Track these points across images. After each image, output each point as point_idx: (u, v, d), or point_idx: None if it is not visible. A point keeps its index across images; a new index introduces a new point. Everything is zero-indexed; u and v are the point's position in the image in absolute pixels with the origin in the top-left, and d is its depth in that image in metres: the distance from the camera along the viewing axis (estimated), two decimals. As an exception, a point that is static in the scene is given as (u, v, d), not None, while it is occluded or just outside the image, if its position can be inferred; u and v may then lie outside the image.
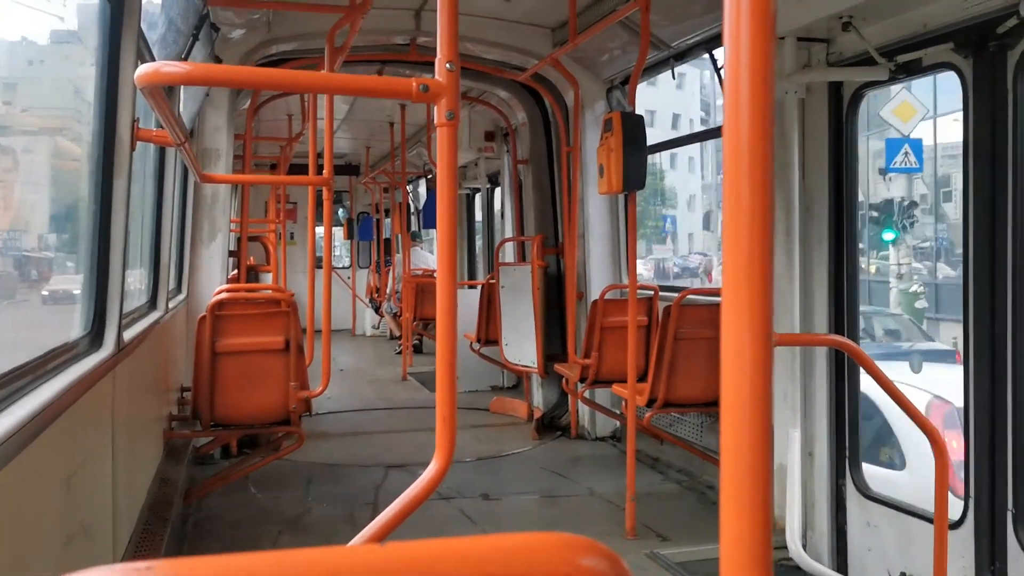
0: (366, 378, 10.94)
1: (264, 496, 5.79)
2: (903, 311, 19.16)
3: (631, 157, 4.88)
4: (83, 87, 3.27)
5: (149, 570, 0.56)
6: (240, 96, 7.11)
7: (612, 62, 6.91)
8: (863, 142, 27.79)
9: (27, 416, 2.02)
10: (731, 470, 0.84)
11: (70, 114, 3.92)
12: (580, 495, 5.93)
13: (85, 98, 3.22)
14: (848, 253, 4.38)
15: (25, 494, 2.11)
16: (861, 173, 25.17)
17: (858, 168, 4.47)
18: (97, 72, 3.10)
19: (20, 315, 3.94)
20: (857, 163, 4.45)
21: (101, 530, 3.02)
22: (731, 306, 0.85)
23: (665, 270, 39.66)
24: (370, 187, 15.68)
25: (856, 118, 4.34)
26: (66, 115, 4.00)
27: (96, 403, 2.92)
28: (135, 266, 4.77)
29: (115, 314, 3.13)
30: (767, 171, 0.87)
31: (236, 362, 4.80)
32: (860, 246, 24.76)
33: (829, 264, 4.39)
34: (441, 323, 2.01)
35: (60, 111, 4.11)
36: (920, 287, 20.19)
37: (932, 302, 22.22)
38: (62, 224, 4.16)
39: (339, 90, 3.99)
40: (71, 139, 3.97)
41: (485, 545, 0.62)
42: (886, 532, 4.11)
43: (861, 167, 22.73)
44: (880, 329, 16.47)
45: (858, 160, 4.46)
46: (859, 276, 4.66)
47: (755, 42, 0.85)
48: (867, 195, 28.09)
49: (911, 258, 21.74)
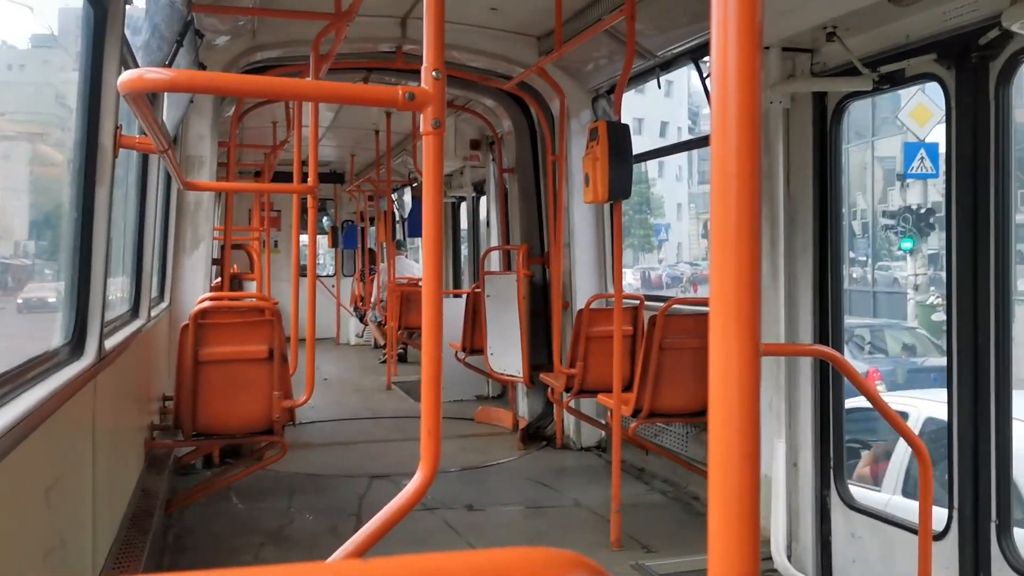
0: (350, 387, 10.88)
1: (246, 507, 5.73)
2: (919, 324, 18.73)
3: (616, 166, 4.89)
4: (64, 92, 3.24)
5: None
6: (224, 103, 7.07)
7: (598, 71, 6.93)
8: (875, 146, 27.62)
9: (7, 426, 1.98)
10: (719, 479, 0.83)
11: (50, 119, 3.87)
12: (565, 506, 5.91)
13: (66, 103, 3.18)
14: (833, 263, 4.40)
15: (4, 506, 2.07)
16: (876, 179, 24.81)
17: (842, 178, 4.49)
18: (80, 78, 3.07)
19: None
20: (841, 173, 4.49)
21: (80, 543, 2.97)
22: (719, 316, 0.85)
23: (651, 280, 39.73)
24: (355, 195, 15.64)
25: (840, 128, 4.37)
26: (46, 121, 3.95)
27: (77, 413, 2.87)
28: (116, 274, 4.72)
29: (96, 322, 3.09)
30: (754, 181, 0.86)
31: (219, 371, 4.75)
32: (852, 255, 24.58)
33: (814, 274, 4.41)
34: (427, 333, 2.00)
35: (40, 116, 4.06)
36: (937, 299, 19.73)
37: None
38: (41, 231, 4.10)
39: (325, 98, 3.97)
40: (51, 145, 3.92)
41: (469, 561, 0.61)
42: (870, 543, 4.12)
43: (874, 173, 22.54)
44: (896, 344, 16.05)
45: (842, 170, 4.49)
46: (843, 286, 4.68)
47: (742, 52, 0.84)
48: (871, 203, 27.87)
49: (927, 268, 21.37)
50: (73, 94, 3.11)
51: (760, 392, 0.85)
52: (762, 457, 3.83)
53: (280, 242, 15.09)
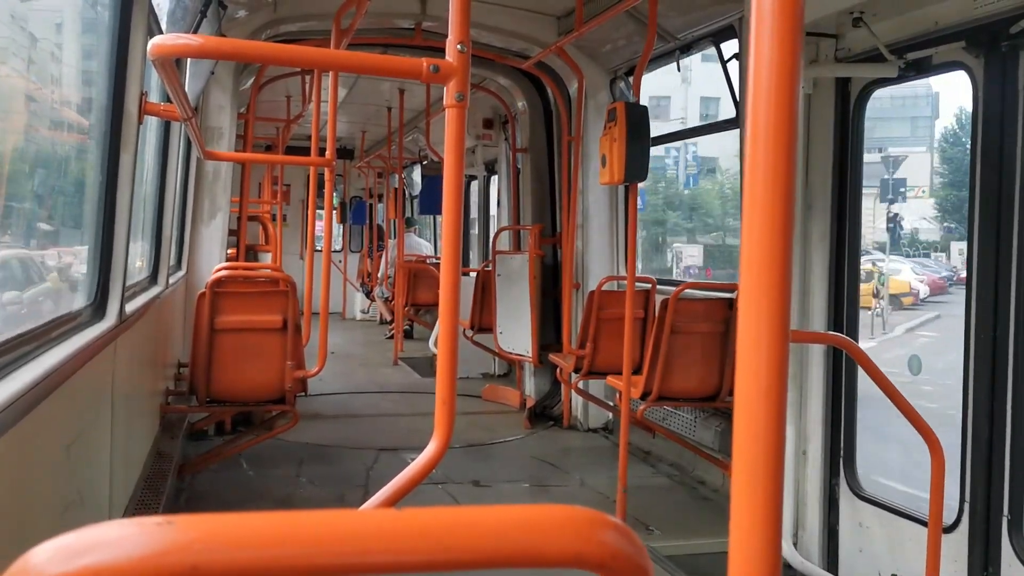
0: (357, 361, 10.94)
1: (256, 474, 5.80)
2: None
3: (634, 148, 4.87)
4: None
5: (169, 524, 0.56)
6: (243, 75, 7.08)
7: (616, 52, 6.90)
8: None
9: (32, 381, 2.02)
10: (744, 464, 0.84)
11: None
12: (571, 486, 5.95)
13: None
14: (850, 251, 4.39)
15: (27, 459, 2.11)
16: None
17: (862, 166, 4.46)
18: (107, 46, 3.08)
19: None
20: (862, 161, 4.45)
21: (97, 500, 3.02)
22: (749, 300, 0.85)
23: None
24: (364, 172, 15.62)
25: (863, 115, 4.34)
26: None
27: (97, 373, 2.92)
28: (135, 240, 4.75)
29: (118, 286, 3.12)
30: (790, 165, 0.87)
31: (233, 339, 4.79)
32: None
33: (829, 262, 4.40)
34: (444, 305, 2.02)
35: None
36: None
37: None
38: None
39: (351, 68, 3.97)
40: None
41: (501, 515, 0.62)
42: (878, 533, 4.14)
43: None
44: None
45: (862, 158, 4.46)
46: (860, 274, 4.67)
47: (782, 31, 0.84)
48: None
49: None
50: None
51: (787, 378, 0.86)
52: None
53: (288, 216, 15.11)
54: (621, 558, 0.64)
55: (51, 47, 3.31)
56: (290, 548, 0.57)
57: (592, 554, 0.62)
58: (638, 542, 0.66)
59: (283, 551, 0.57)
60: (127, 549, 0.55)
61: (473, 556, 0.61)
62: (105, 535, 0.56)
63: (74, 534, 0.56)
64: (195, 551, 0.55)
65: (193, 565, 0.55)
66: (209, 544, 0.56)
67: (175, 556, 0.55)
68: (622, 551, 0.64)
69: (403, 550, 0.59)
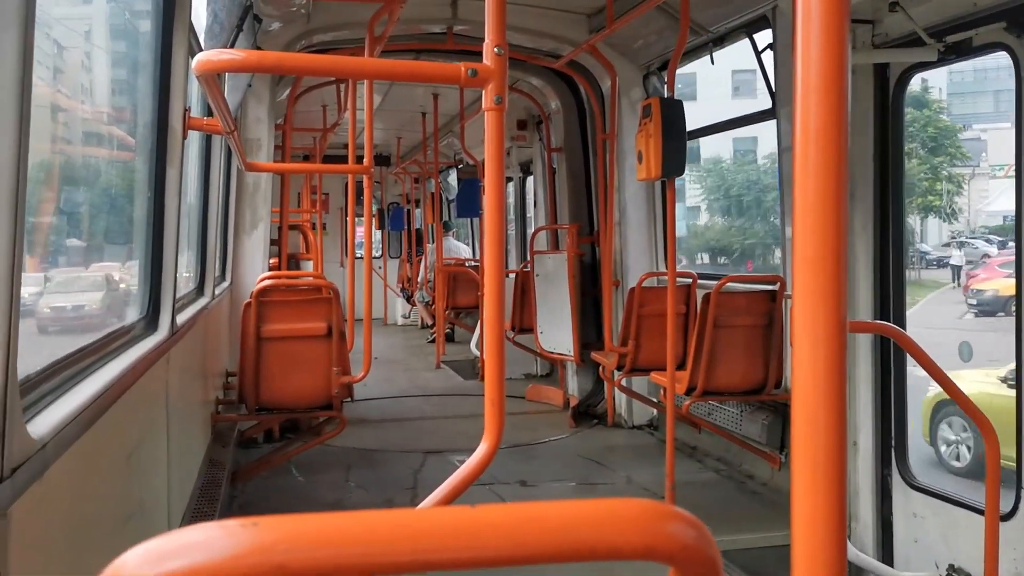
0: (400, 366, 11.02)
1: (306, 480, 5.88)
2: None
3: (670, 143, 4.85)
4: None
5: (254, 526, 0.58)
6: (279, 87, 7.18)
7: (648, 47, 6.86)
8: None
9: (96, 392, 2.08)
10: (804, 456, 0.84)
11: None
12: (617, 483, 5.94)
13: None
14: (894, 240, 4.32)
15: (93, 469, 2.18)
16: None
17: (903, 153, 4.39)
18: (151, 63, 3.16)
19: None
20: (903, 148, 4.38)
21: (156, 510, 3.10)
22: (805, 291, 0.85)
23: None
24: (400, 178, 15.72)
25: (903, 100, 4.27)
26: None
27: (153, 384, 2.99)
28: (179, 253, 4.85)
29: (169, 298, 3.20)
30: (841, 153, 0.86)
31: (280, 348, 4.87)
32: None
33: (874, 251, 4.34)
34: (488, 306, 2.04)
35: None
36: None
37: None
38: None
39: (389, 75, 4.02)
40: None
41: (570, 510, 0.63)
42: (932, 523, 4.07)
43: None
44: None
45: (903, 145, 4.39)
46: (905, 263, 4.59)
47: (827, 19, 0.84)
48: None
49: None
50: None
51: (845, 370, 0.85)
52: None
53: (328, 224, 15.27)
54: (690, 550, 0.64)
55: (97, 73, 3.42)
56: (370, 546, 0.59)
57: (662, 547, 0.63)
58: (707, 534, 0.66)
59: (364, 549, 0.59)
60: (215, 551, 0.57)
61: (545, 550, 0.62)
62: (192, 538, 0.58)
63: (162, 538, 0.58)
64: (281, 551, 0.57)
65: (280, 564, 0.57)
66: (294, 544, 0.58)
67: (262, 556, 0.57)
68: (691, 543, 0.65)
69: (478, 546, 0.61)
